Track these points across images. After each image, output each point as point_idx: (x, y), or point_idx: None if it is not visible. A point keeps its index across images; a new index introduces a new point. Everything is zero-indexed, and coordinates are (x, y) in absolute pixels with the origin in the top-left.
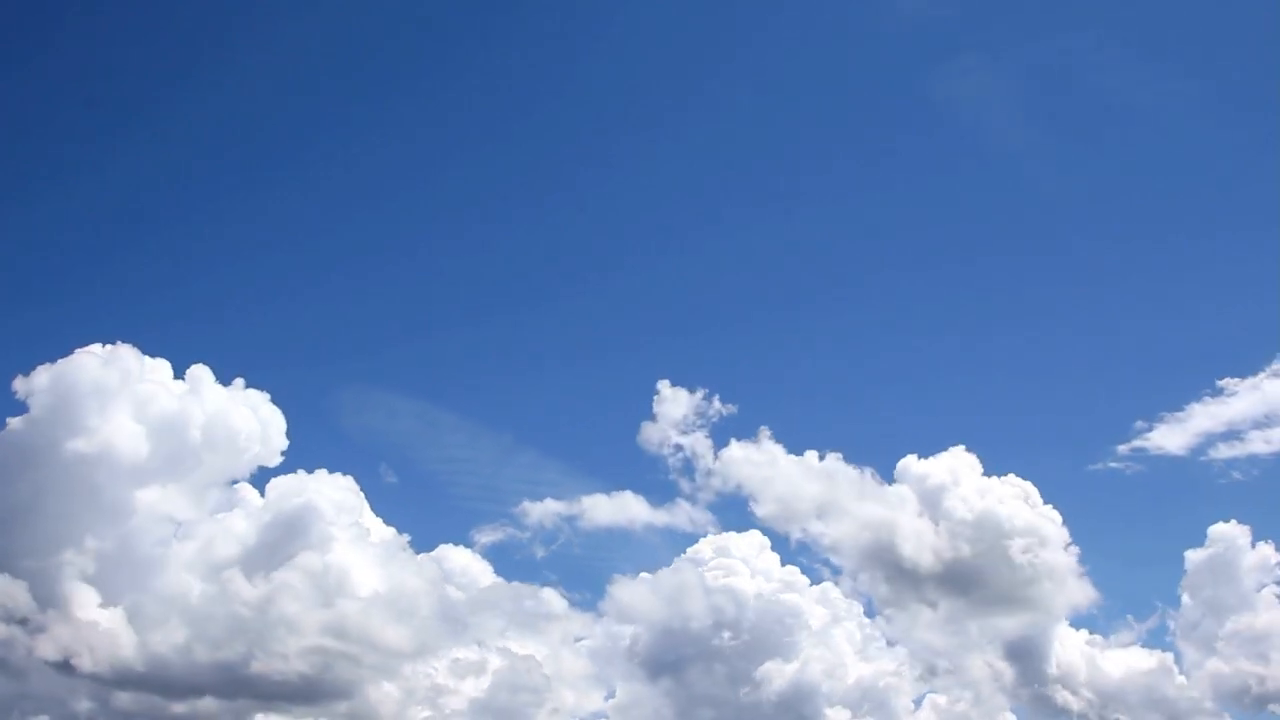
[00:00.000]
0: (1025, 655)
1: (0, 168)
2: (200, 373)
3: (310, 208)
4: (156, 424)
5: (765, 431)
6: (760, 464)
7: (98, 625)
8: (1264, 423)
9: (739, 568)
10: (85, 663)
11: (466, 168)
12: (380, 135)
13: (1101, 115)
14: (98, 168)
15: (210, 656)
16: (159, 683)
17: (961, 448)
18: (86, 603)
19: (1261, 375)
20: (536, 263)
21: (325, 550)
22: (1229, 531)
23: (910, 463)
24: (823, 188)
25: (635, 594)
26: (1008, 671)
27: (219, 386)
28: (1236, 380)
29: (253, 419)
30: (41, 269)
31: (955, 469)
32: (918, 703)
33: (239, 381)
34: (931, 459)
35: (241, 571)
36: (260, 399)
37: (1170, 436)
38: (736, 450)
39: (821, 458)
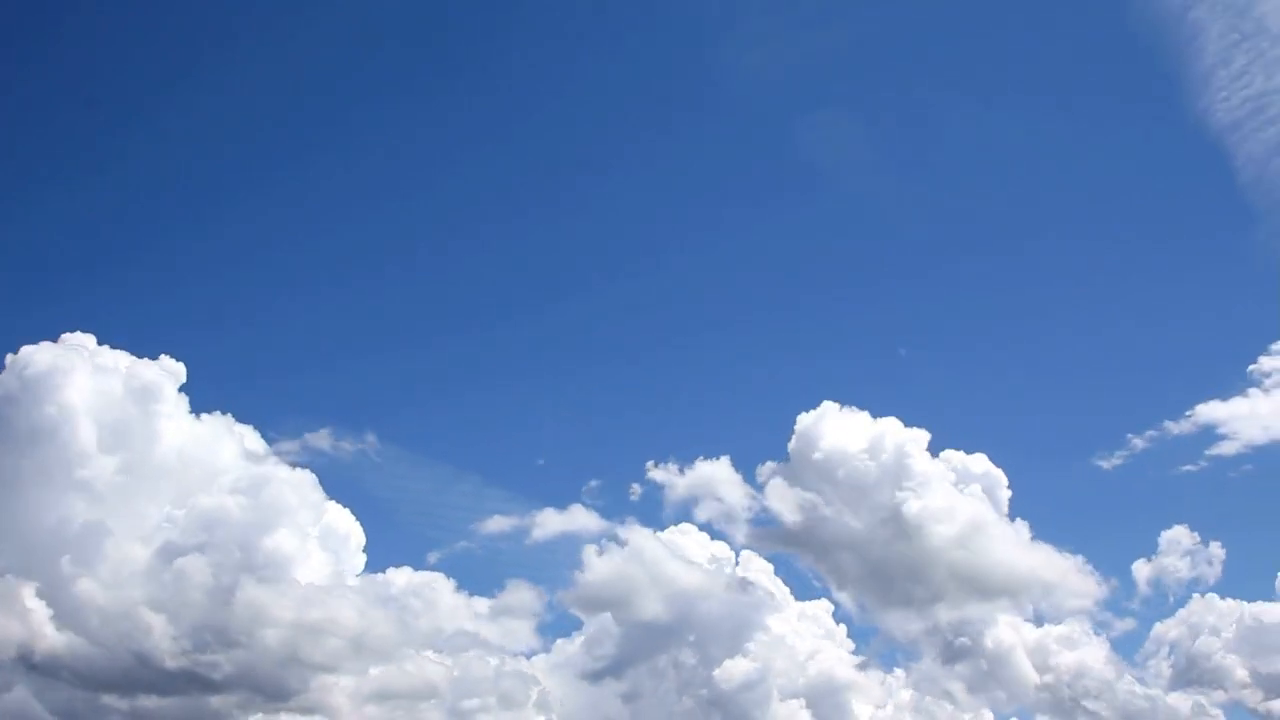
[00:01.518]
0: (980, 646)
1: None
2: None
3: (256, 235)
4: (116, 424)
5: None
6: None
7: (28, 613)
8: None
9: (692, 566)
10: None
11: (400, 203)
12: (317, 170)
13: (959, 158)
14: (98, 168)
15: (167, 650)
16: (97, 676)
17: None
18: (17, 592)
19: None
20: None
21: (287, 546)
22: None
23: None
24: (702, 234)
25: (591, 598)
26: (964, 662)
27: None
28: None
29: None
30: (40, 269)
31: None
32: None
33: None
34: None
35: (198, 564)
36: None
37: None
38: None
39: (758, 465)
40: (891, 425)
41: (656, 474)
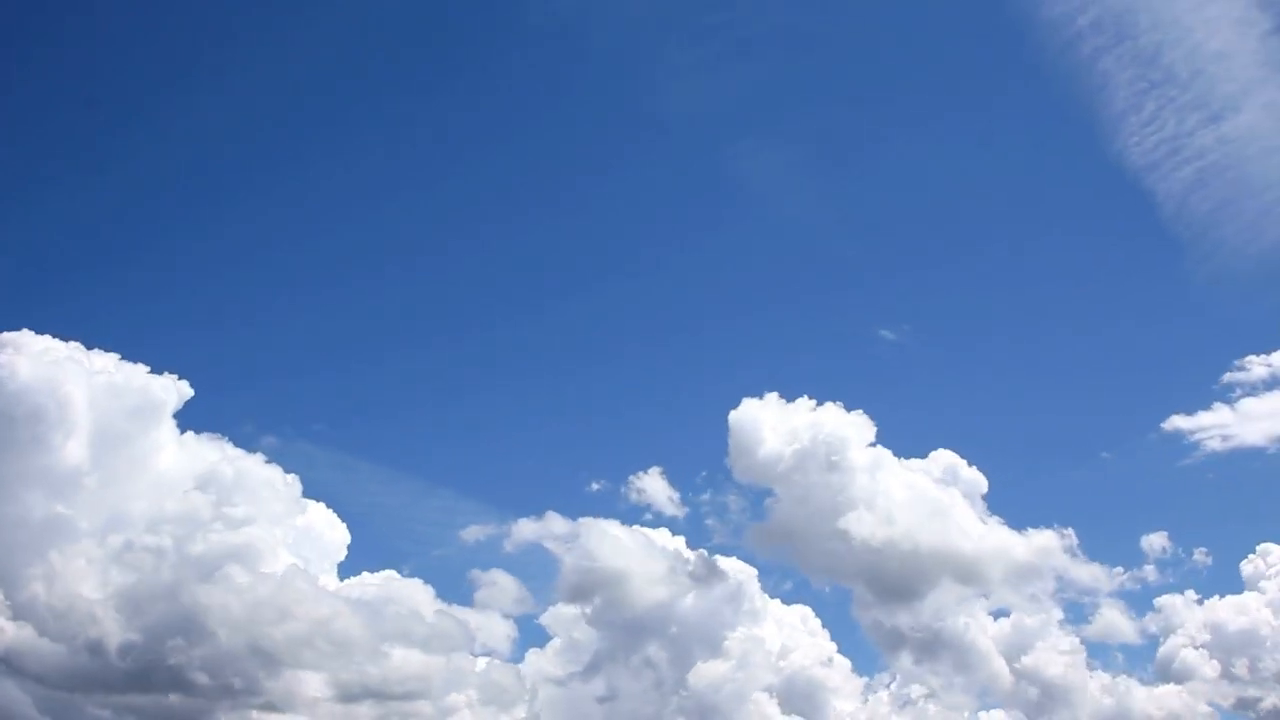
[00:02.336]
0: (955, 644)
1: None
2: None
3: (241, 238)
4: (96, 423)
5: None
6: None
7: None
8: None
9: (667, 567)
10: None
11: (368, 215)
12: (315, 172)
13: (881, 177)
14: (98, 168)
15: (136, 647)
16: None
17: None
18: None
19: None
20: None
21: (262, 546)
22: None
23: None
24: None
25: (566, 601)
26: (939, 660)
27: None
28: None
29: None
30: (40, 269)
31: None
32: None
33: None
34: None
35: (171, 562)
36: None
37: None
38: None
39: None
40: (832, 417)
41: (630, 478)
